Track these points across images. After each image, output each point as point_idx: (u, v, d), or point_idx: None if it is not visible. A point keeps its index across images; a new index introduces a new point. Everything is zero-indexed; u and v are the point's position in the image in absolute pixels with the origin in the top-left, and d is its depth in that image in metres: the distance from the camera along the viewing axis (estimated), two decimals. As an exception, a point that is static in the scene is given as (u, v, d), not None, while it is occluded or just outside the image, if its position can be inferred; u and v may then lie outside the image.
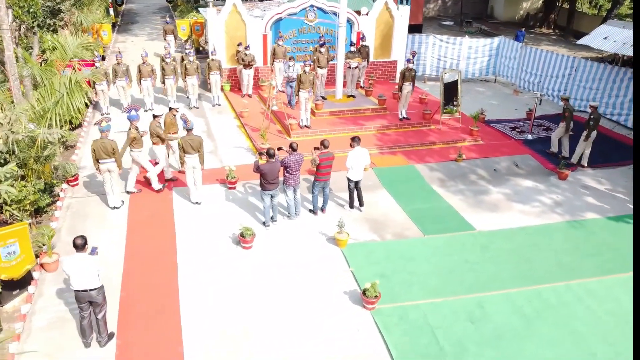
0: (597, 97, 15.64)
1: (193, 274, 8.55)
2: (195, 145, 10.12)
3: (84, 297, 6.67)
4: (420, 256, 9.25)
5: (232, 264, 8.84)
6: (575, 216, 10.67)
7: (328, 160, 9.82)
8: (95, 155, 9.81)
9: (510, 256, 9.33)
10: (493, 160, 12.98)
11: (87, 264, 6.53)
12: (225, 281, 8.41)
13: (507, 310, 7.98)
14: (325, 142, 9.80)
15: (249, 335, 7.33)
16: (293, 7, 16.94)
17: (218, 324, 7.51)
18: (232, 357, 6.98)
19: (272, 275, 8.60)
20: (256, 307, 7.87)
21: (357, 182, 10.24)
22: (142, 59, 15.11)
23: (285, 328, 7.48)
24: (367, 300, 7.77)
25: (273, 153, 9.36)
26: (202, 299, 8.00)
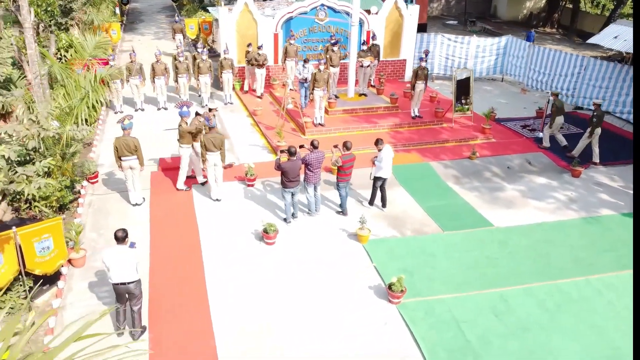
0: (606, 96, 15.80)
1: (218, 269, 8.67)
2: (218, 143, 10.22)
3: (122, 290, 6.83)
4: (440, 252, 9.39)
5: (256, 259, 8.96)
6: (590, 212, 10.82)
7: (351, 161, 9.94)
8: (118, 153, 9.91)
9: (529, 251, 9.47)
10: (506, 158, 13.12)
11: (127, 256, 6.69)
12: (250, 276, 8.52)
13: (529, 304, 8.12)
14: (347, 143, 9.88)
15: (276, 330, 7.45)
16: (304, 6, 17.05)
17: (246, 318, 7.63)
18: (262, 350, 7.10)
19: (296, 270, 8.72)
20: (282, 302, 7.99)
21: (385, 180, 10.33)
22: (155, 57, 15.20)
23: (313, 322, 7.60)
24: (393, 294, 7.90)
25: (294, 151, 9.47)
26: (229, 293, 8.12)
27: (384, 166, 10.10)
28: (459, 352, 7.12)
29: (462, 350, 7.15)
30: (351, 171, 10.08)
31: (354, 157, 10.06)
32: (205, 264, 8.77)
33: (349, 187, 10.39)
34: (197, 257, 8.95)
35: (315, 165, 9.74)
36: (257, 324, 7.52)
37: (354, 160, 10.03)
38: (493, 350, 7.20)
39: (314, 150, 9.68)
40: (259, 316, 7.68)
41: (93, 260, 8.81)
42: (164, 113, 15.57)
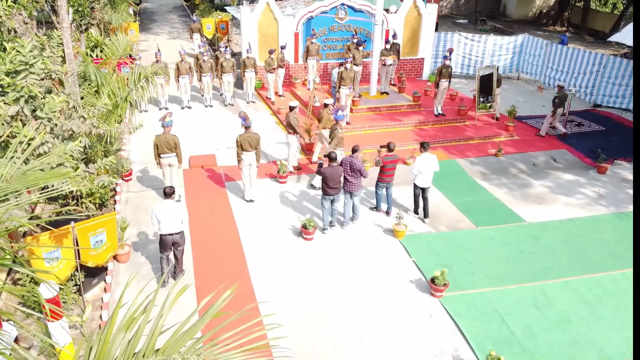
0: (626, 94, 15.95)
1: (260, 263, 8.83)
2: (253, 143, 10.32)
3: (169, 240, 7.85)
4: (476, 246, 9.54)
5: (296, 254, 9.11)
6: (620, 208, 10.97)
7: (393, 162, 9.90)
8: (158, 150, 10.06)
9: (563, 246, 9.63)
10: (530, 155, 13.27)
11: (174, 209, 7.74)
12: (292, 270, 8.68)
13: (569, 296, 8.27)
14: (391, 144, 9.80)
15: (324, 322, 7.60)
16: (324, 5, 17.19)
17: (292, 311, 7.78)
18: (301, 342, 7.24)
19: (336, 265, 8.88)
20: (321, 296, 8.13)
21: (424, 189, 10.02)
22: (180, 56, 15.35)
23: (359, 315, 7.76)
24: (435, 288, 8.05)
25: (334, 156, 9.27)
26: (273, 287, 8.27)
27: (422, 173, 9.84)
28: (504, 343, 7.27)
29: (507, 342, 7.30)
30: (393, 173, 9.97)
31: (398, 160, 10.01)
32: (247, 260, 8.92)
33: (392, 190, 10.23)
34: (239, 251, 9.11)
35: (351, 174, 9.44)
36: (304, 316, 7.68)
37: (397, 162, 9.98)
38: (538, 342, 7.35)
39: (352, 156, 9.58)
40: (305, 308, 7.84)
41: (137, 256, 8.97)
42: (188, 112, 15.72)
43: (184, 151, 12.75)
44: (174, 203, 7.88)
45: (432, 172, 9.89)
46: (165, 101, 15.85)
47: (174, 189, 7.98)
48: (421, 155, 9.90)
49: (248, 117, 10.54)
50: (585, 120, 15.64)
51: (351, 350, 7.13)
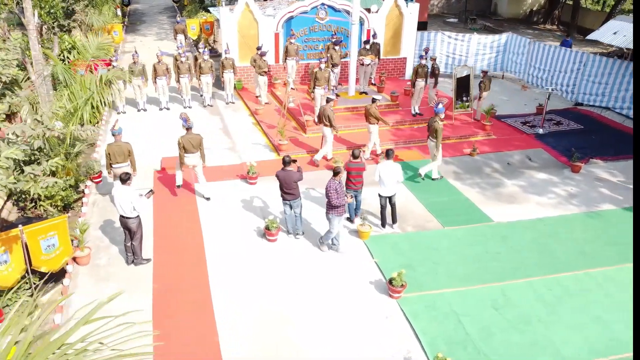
0: (606, 92, 15.85)
1: (221, 266, 8.77)
2: (196, 144, 10.22)
3: (123, 222, 8.41)
4: (442, 247, 9.47)
5: (258, 255, 9.06)
6: (591, 207, 10.89)
7: (357, 170, 9.54)
8: (110, 160, 9.82)
9: (531, 246, 9.55)
10: (506, 154, 13.19)
11: (126, 194, 8.17)
12: (252, 272, 8.62)
13: (529, 297, 8.19)
14: (355, 151, 9.57)
15: (279, 324, 7.54)
16: (304, 5, 17.13)
17: (248, 314, 7.72)
18: (265, 344, 7.19)
19: (298, 266, 8.82)
20: (284, 297, 8.08)
21: (389, 198, 9.68)
22: (157, 57, 15.31)
23: (314, 317, 7.70)
24: (393, 289, 7.98)
25: (288, 160, 9.02)
26: (232, 290, 8.21)
27: (383, 182, 9.52)
28: (459, 345, 7.20)
29: (462, 343, 7.23)
30: (360, 180, 9.63)
31: (364, 167, 9.58)
32: (208, 260, 8.86)
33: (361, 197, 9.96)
34: (200, 253, 9.05)
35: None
36: (259, 318, 7.62)
37: (362, 169, 9.56)
38: (494, 343, 7.27)
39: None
40: (260, 310, 7.78)
41: (98, 258, 8.92)
42: (166, 113, 15.67)
43: (161, 152, 12.75)
44: (127, 189, 8.28)
45: (394, 181, 9.51)
46: (144, 102, 15.81)
47: (129, 175, 8.36)
48: (382, 163, 9.59)
49: (189, 118, 10.50)
50: (565, 119, 15.56)
51: (312, 353, 7.08)
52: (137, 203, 8.37)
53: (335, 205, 8.64)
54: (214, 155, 12.77)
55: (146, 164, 12.24)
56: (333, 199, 8.54)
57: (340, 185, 8.65)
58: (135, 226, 8.52)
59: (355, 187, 9.70)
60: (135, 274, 8.59)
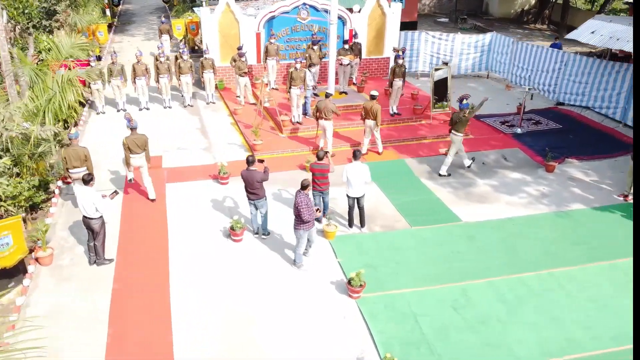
0: (585, 91, 15.80)
1: (184, 266, 8.76)
2: (141, 144, 10.20)
3: (85, 223, 8.47)
4: (408, 247, 9.45)
5: (222, 256, 9.05)
6: (561, 207, 10.86)
7: (321, 171, 9.48)
8: (67, 164, 9.67)
9: (498, 246, 9.53)
10: (482, 154, 13.17)
11: (87, 195, 8.27)
12: (214, 273, 8.62)
13: (490, 297, 8.18)
14: (319, 153, 9.50)
15: (236, 324, 7.54)
16: (286, 5, 17.12)
17: (206, 314, 7.71)
18: (219, 345, 7.19)
19: (261, 266, 8.81)
20: (244, 297, 8.08)
21: (357, 199, 9.65)
22: (136, 58, 15.30)
23: (273, 317, 7.70)
24: (352, 289, 7.97)
25: (252, 160, 9.07)
26: (192, 290, 8.21)
27: (351, 183, 9.47)
28: (413, 345, 7.19)
29: (417, 344, 7.22)
30: (325, 182, 9.57)
31: (327, 169, 9.46)
32: (171, 261, 8.86)
33: (328, 197, 9.91)
34: (164, 254, 9.04)
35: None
36: (218, 318, 7.61)
37: (326, 171, 9.46)
38: (449, 343, 7.26)
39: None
40: (219, 310, 7.77)
41: (61, 259, 8.93)
42: (146, 113, 15.67)
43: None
44: (89, 190, 8.36)
45: (362, 182, 9.44)
46: (124, 102, 15.81)
47: (91, 176, 8.49)
48: (350, 164, 9.53)
49: (132, 118, 10.51)
50: (544, 119, 15.54)
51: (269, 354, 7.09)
52: (99, 204, 8.42)
53: (306, 221, 8.36)
54: (188, 156, 12.78)
55: (119, 163, 12.25)
56: (305, 214, 8.20)
57: (309, 198, 8.35)
58: (98, 227, 8.55)
59: (320, 188, 9.68)
60: (97, 274, 8.59)
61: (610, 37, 14.09)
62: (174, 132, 14.24)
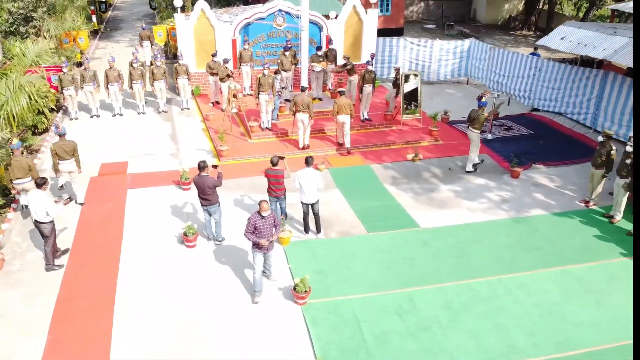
0: (558, 97, 15.81)
1: (134, 271, 8.75)
2: (69, 150, 10.33)
3: (36, 226, 8.53)
4: (361, 253, 9.44)
5: (173, 261, 9.04)
6: (520, 212, 10.85)
7: (275, 177, 9.45)
8: (10, 175, 9.59)
9: (451, 251, 9.51)
10: (449, 160, 13.18)
11: (38, 199, 8.29)
12: (163, 278, 8.60)
13: (436, 303, 8.16)
14: (273, 158, 9.44)
15: (179, 331, 7.52)
16: (261, 11, 17.20)
17: (150, 322, 7.69)
18: (160, 354, 7.16)
19: (212, 272, 8.80)
20: (190, 303, 8.06)
21: (312, 205, 9.62)
22: (109, 64, 15.38)
23: (218, 323, 7.68)
24: (297, 295, 7.96)
25: (203, 166, 9.02)
26: (138, 296, 8.19)
27: (303, 189, 9.42)
28: (352, 352, 7.17)
29: (356, 350, 7.20)
30: (280, 187, 9.53)
31: (281, 174, 9.42)
32: (121, 267, 8.85)
33: (285, 203, 9.86)
34: (115, 259, 9.03)
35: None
36: (166, 325, 7.60)
37: (280, 177, 9.42)
38: (388, 350, 7.24)
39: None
40: (168, 317, 7.75)
41: (12, 265, 8.92)
42: (119, 119, 15.70)
43: (102, 159, 12.76)
44: (40, 193, 8.43)
45: (314, 188, 9.39)
46: (97, 108, 15.84)
47: (45, 180, 8.60)
48: (302, 170, 9.47)
49: (60, 125, 10.56)
50: (517, 125, 15.55)
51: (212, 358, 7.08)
52: (50, 208, 8.45)
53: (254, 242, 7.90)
54: (154, 161, 12.80)
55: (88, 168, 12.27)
56: (247, 233, 7.85)
57: (266, 222, 7.79)
58: (48, 231, 8.57)
59: (276, 194, 9.68)
60: (46, 279, 8.59)
61: (578, 43, 14.12)
62: (144, 138, 14.27)
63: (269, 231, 7.85)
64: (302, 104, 12.60)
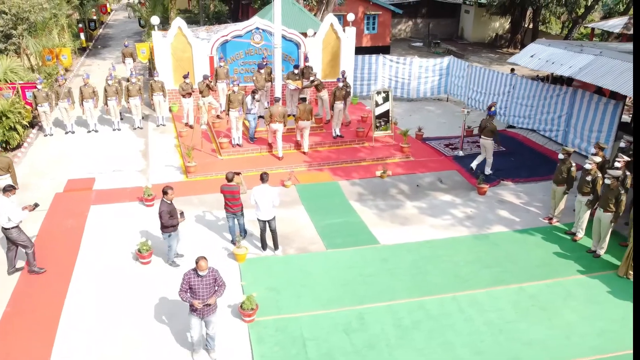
0: (531, 114, 15.87)
1: (84, 289, 8.67)
2: (4, 166, 10.51)
3: (3, 233, 8.75)
4: (318, 270, 9.37)
5: (126, 279, 8.96)
6: (482, 229, 10.80)
7: (231, 193, 9.47)
8: None
9: (408, 269, 9.44)
10: (418, 176, 13.16)
11: (2, 205, 8.45)
12: (112, 296, 8.51)
13: (386, 321, 8.06)
14: (228, 175, 9.51)
15: (118, 352, 7.42)
16: (238, 29, 17.37)
17: (91, 341, 7.56)
18: (98, 369, 7.08)
19: (163, 289, 8.71)
20: (135, 323, 7.93)
21: (268, 222, 9.51)
22: (83, 81, 15.48)
23: (159, 343, 7.58)
24: (243, 312, 7.88)
25: (166, 191, 8.99)
26: (84, 314, 8.09)
27: (259, 206, 9.33)
28: (293, 370, 7.07)
29: (297, 368, 7.10)
30: (236, 203, 9.52)
31: (237, 191, 9.46)
32: (72, 281, 8.78)
33: (242, 219, 9.84)
34: (67, 274, 8.97)
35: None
36: (110, 343, 7.50)
37: (236, 192, 9.45)
38: (331, 368, 7.14)
39: None
40: (113, 334, 7.66)
41: (-39, 281, 8.86)
42: (94, 135, 15.74)
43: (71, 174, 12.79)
44: (4, 200, 8.58)
45: (270, 205, 9.30)
46: (72, 125, 15.90)
47: (12, 187, 8.85)
48: (257, 187, 9.42)
49: None
50: (491, 142, 15.54)
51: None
52: (11, 213, 8.57)
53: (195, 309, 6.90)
54: (122, 178, 12.79)
55: (55, 184, 12.29)
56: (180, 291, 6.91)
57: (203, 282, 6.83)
58: (16, 236, 8.76)
59: (232, 210, 9.65)
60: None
61: (546, 61, 14.20)
62: (116, 154, 14.29)
63: (207, 291, 6.78)
64: (277, 115, 13.06)
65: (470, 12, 34.19)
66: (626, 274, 9.11)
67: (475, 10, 33.62)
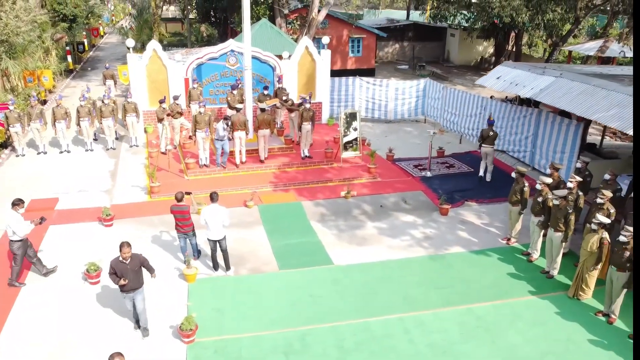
0: (501, 135, 15.95)
1: (28, 308, 8.62)
2: None
3: None
4: (267, 290, 9.31)
5: (72, 299, 8.91)
6: (439, 250, 10.77)
7: (181, 213, 9.51)
8: None
9: (359, 289, 9.39)
10: (383, 197, 13.17)
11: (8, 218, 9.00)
12: (58, 317, 8.46)
13: (328, 342, 7.99)
14: (177, 195, 9.55)
15: None
16: (213, 52, 17.60)
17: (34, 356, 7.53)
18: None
19: (109, 309, 8.66)
20: (78, 344, 7.88)
21: (219, 242, 9.51)
22: (56, 102, 15.62)
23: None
24: (182, 333, 7.82)
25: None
26: (25, 334, 8.03)
27: (209, 225, 9.33)
28: (225, 392, 6.98)
29: (229, 390, 7.01)
30: (186, 223, 9.56)
31: (187, 211, 9.51)
32: (17, 301, 8.74)
33: (194, 240, 9.89)
34: (13, 294, 8.92)
35: None
36: None
37: (185, 212, 9.49)
38: (265, 390, 7.05)
39: None
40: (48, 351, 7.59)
41: None
42: (66, 156, 15.81)
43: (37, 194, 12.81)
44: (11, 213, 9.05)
45: (220, 225, 9.30)
46: (44, 145, 15.99)
47: (19, 200, 9.24)
48: (207, 207, 9.43)
49: None
50: (459, 162, 15.64)
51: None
52: (15, 227, 8.98)
53: None
54: (86, 198, 12.80)
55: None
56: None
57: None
58: (14, 249, 9.14)
59: (183, 230, 9.65)
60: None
61: (510, 83, 14.36)
62: (84, 174, 14.33)
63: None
64: (239, 123, 13.68)
65: (456, 35, 34.63)
66: (576, 294, 9.05)
67: (461, 34, 34.03)
